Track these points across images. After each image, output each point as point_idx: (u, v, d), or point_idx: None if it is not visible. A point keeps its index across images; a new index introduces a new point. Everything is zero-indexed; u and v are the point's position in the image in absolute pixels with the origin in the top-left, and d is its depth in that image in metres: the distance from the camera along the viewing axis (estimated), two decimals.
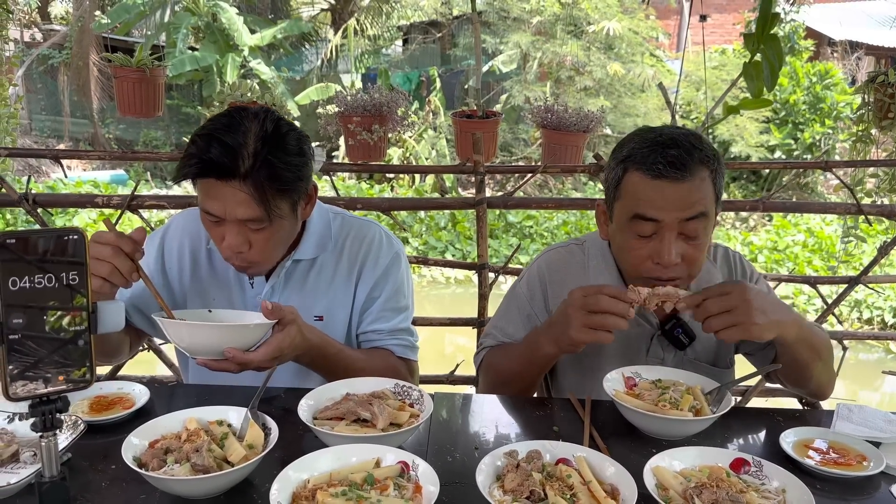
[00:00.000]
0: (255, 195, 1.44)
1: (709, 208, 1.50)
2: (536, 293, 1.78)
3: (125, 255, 1.42)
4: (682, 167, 1.46)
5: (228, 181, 1.43)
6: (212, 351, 1.39)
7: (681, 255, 1.50)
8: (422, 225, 10.44)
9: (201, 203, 1.50)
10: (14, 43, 13.29)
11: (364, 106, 2.93)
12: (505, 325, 1.80)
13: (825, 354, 1.61)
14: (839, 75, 11.68)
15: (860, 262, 7.90)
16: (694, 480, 1.19)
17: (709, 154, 1.50)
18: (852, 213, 2.72)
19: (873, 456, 1.34)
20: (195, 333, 1.41)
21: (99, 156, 3.16)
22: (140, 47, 3.17)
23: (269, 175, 1.45)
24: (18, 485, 1.16)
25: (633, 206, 1.51)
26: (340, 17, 14.71)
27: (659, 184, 1.47)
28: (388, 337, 1.75)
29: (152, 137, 14.55)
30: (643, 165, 1.49)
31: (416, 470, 1.17)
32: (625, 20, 12.06)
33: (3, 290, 0.92)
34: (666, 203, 1.47)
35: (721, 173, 1.54)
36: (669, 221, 1.48)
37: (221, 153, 1.42)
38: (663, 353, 1.72)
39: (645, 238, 1.52)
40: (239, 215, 1.46)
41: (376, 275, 1.75)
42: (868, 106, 2.95)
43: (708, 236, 1.54)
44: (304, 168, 1.54)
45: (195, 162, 1.44)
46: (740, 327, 1.39)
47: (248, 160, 1.43)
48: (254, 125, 1.47)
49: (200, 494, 1.19)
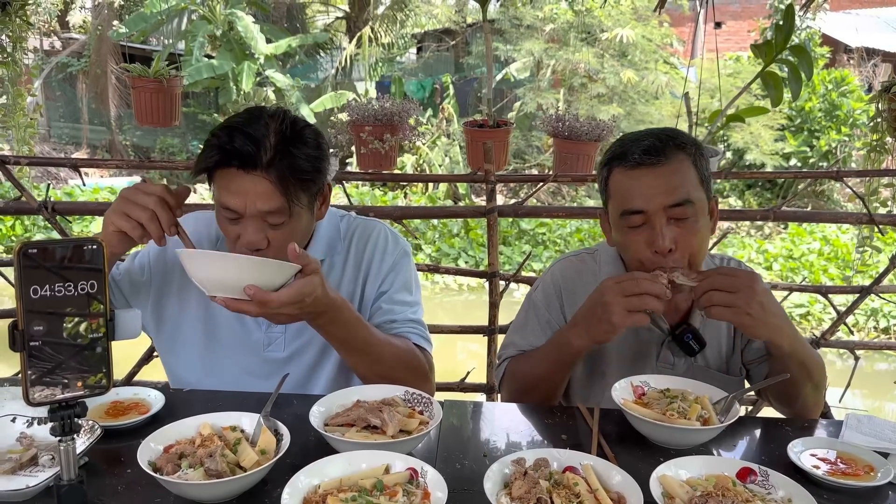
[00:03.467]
0: (278, 185, 1.44)
1: (693, 194, 1.53)
2: (553, 301, 1.80)
3: (168, 208, 1.45)
4: (657, 153, 1.52)
5: (250, 171, 1.44)
6: (232, 286, 1.34)
7: (675, 242, 1.52)
8: (435, 232, 10.46)
9: (220, 199, 1.49)
10: (34, 51, 13.50)
11: (376, 115, 2.96)
12: (525, 334, 1.81)
13: (817, 377, 1.60)
14: (855, 82, 11.60)
15: (876, 272, 7.83)
16: (700, 489, 1.19)
17: (685, 140, 1.56)
18: (864, 223, 2.71)
19: (881, 466, 1.34)
20: (217, 265, 1.36)
21: (116, 164, 3.22)
22: (157, 57, 3.22)
23: (291, 166, 1.46)
24: (37, 487, 1.19)
25: (620, 202, 1.57)
26: (355, 26, 14.81)
27: (637, 173, 1.53)
28: (401, 325, 1.72)
29: (169, 144, 14.69)
30: (622, 160, 1.56)
31: (424, 476, 1.19)
32: (638, 27, 12.05)
33: (25, 297, 0.95)
34: (647, 190, 1.52)
35: (702, 158, 1.57)
36: (654, 209, 1.52)
37: (245, 142, 1.43)
38: (673, 359, 1.73)
39: (637, 229, 1.56)
40: (260, 207, 1.45)
41: (384, 271, 1.75)
42: (882, 115, 2.94)
43: (702, 223, 1.55)
44: (322, 161, 1.55)
45: (217, 152, 1.45)
46: (734, 311, 1.40)
47: (270, 151, 1.44)
48: (272, 121, 1.49)
49: (213, 498, 1.21)
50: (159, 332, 1.76)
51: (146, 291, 1.72)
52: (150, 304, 1.72)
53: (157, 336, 1.78)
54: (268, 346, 1.71)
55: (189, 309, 1.72)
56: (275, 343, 1.71)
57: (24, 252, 0.94)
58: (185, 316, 1.72)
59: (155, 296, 1.73)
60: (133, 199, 1.46)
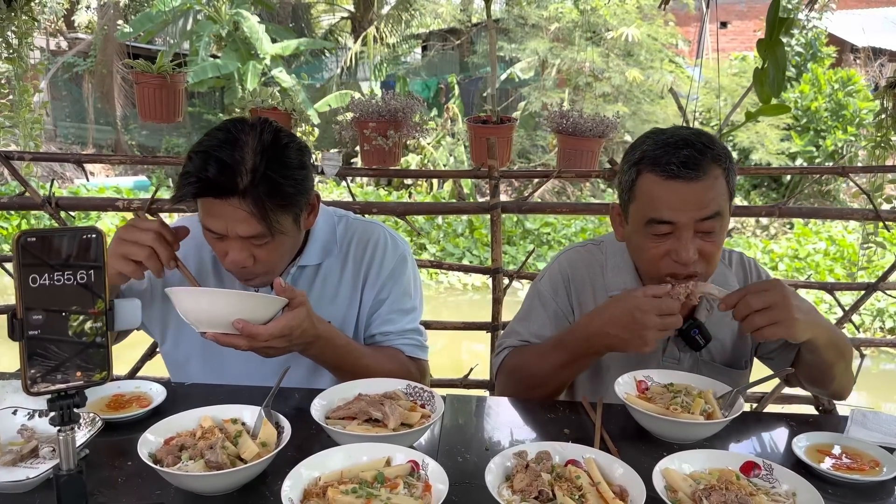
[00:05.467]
0: (255, 212, 1.41)
1: (723, 206, 1.50)
2: (560, 290, 1.77)
3: (166, 243, 1.45)
4: (695, 167, 1.46)
5: (227, 199, 1.41)
6: (220, 321, 1.37)
7: (698, 252, 1.50)
8: (439, 231, 10.46)
9: (202, 220, 1.48)
10: (40, 51, 13.53)
11: (379, 112, 2.96)
12: (529, 324, 1.77)
13: (848, 356, 1.62)
14: (861, 82, 11.56)
15: (882, 271, 7.80)
16: (703, 483, 1.18)
17: (720, 153, 1.51)
18: (870, 219, 2.70)
19: (886, 461, 1.33)
20: (205, 300, 1.39)
21: (120, 160, 3.23)
22: (161, 54, 3.23)
23: (269, 191, 1.42)
24: (37, 479, 1.19)
25: (648, 209, 1.51)
26: (360, 25, 14.82)
27: (673, 184, 1.47)
28: (396, 338, 1.73)
29: (174, 144, 14.73)
30: (656, 167, 1.49)
31: (425, 469, 1.18)
32: (644, 26, 12.04)
33: (23, 287, 0.94)
34: (681, 204, 1.47)
35: (733, 171, 1.54)
36: (685, 222, 1.48)
37: (219, 172, 1.39)
38: (679, 354, 1.72)
39: (661, 238, 1.52)
40: (240, 232, 1.44)
41: (382, 278, 1.73)
42: (887, 112, 2.92)
43: (723, 233, 1.55)
44: (305, 181, 1.51)
45: (193, 181, 1.41)
46: (782, 325, 1.39)
47: (246, 176, 1.40)
48: (251, 139, 1.44)
49: (214, 490, 1.21)
50: (162, 333, 1.76)
51: (148, 296, 1.72)
52: (149, 303, 1.72)
53: (160, 337, 1.78)
54: None
55: None
56: None
57: (23, 241, 0.94)
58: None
59: (159, 298, 1.72)
60: (130, 238, 1.45)
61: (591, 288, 1.75)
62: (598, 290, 1.74)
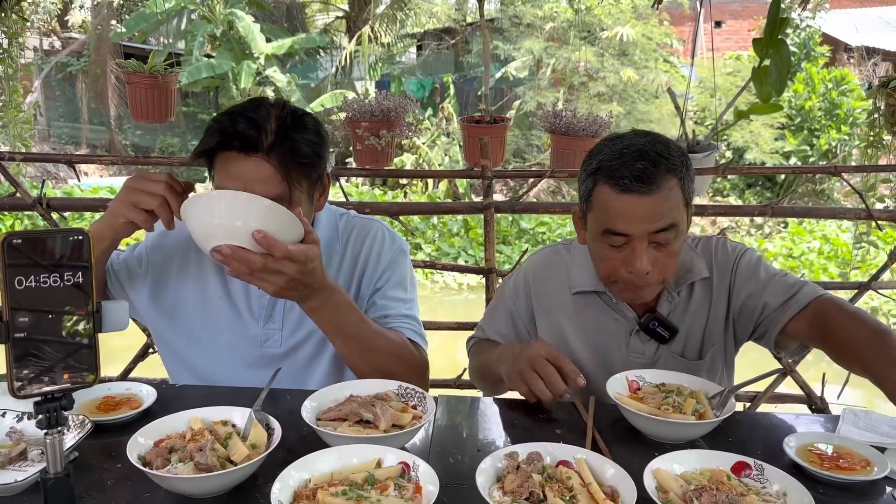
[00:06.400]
0: (279, 169, 1.45)
1: (678, 217, 1.52)
2: (520, 292, 1.84)
3: (177, 193, 1.45)
4: (649, 180, 1.47)
5: (251, 155, 1.44)
6: (238, 230, 1.30)
7: (652, 263, 1.53)
8: (434, 231, 10.46)
9: (220, 184, 1.47)
10: (34, 51, 13.50)
11: (372, 111, 2.96)
12: (492, 321, 1.89)
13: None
14: (855, 81, 11.59)
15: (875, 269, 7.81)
16: (694, 483, 1.18)
17: (676, 162, 1.51)
18: (862, 219, 2.70)
19: (878, 461, 1.33)
20: (225, 202, 1.32)
21: (112, 160, 3.21)
22: (153, 54, 3.21)
23: (292, 150, 1.47)
24: (25, 482, 1.18)
25: (603, 219, 1.54)
26: (355, 25, 14.80)
27: (627, 198, 1.49)
28: (394, 320, 1.71)
29: (168, 144, 14.70)
30: (611, 179, 1.51)
31: (416, 470, 1.18)
32: (638, 26, 12.05)
33: (9, 289, 0.93)
34: (634, 217, 1.50)
35: (690, 178, 1.55)
36: (639, 234, 1.51)
37: (247, 126, 1.44)
38: (643, 347, 1.72)
39: (617, 248, 1.55)
40: (260, 192, 1.39)
41: (380, 268, 1.75)
42: (880, 111, 2.93)
43: (679, 241, 1.56)
44: (322, 147, 1.56)
45: (218, 135, 1.45)
46: None
47: (271, 135, 1.45)
48: (274, 109, 1.50)
49: (203, 493, 1.20)
50: (156, 323, 1.76)
51: (143, 281, 1.73)
52: (146, 295, 1.72)
53: (154, 327, 1.79)
54: (265, 342, 1.70)
55: (186, 302, 1.72)
56: (272, 339, 1.70)
57: (9, 242, 0.93)
58: (181, 309, 1.72)
59: (151, 287, 1.72)
60: (141, 187, 1.46)
61: (553, 287, 1.80)
62: (562, 288, 1.79)
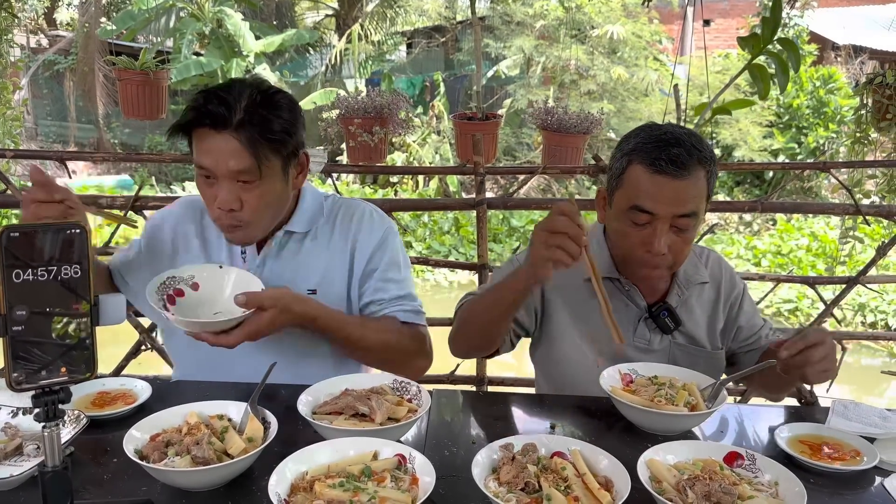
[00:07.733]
0: (247, 145, 1.53)
1: (700, 207, 1.59)
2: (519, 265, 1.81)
3: None
4: (682, 165, 1.54)
5: (221, 131, 1.53)
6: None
7: (669, 246, 1.58)
8: (425, 229, 10.45)
9: (196, 158, 1.58)
10: (21, 48, 13.38)
11: (365, 108, 2.96)
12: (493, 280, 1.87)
13: None
14: (843, 80, 11.66)
15: (862, 265, 7.88)
16: (687, 473, 1.20)
17: (707, 155, 1.59)
18: (851, 214, 2.73)
19: (867, 451, 1.35)
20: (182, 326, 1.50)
21: (103, 157, 3.19)
22: (144, 50, 3.20)
23: (261, 127, 1.54)
24: (21, 476, 1.19)
25: (632, 196, 1.59)
26: (345, 23, 14.76)
27: (659, 179, 1.55)
28: (389, 305, 1.76)
29: (157, 142, 14.60)
30: (646, 159, 1.57)
31: (412, 462, 1.19)
32: (628, 24, 12.07)
33: (7, 282, 0.94)
34: (663, 197, 1.55)
35: (715, 175, 1.62)
36: (663, 215, 1.56)
37: (217, 104, 1.53)
38: (650, 336, 1.76)
39: (639, 227, 1.60)
40: (231, 167, 1.53)
41: (372, 246, 1.78)
42: (866, 108, 2.96)
43: (695, 231, 1.63)
44: (294, 126, 1.62)
45: (193, 111, 1.55)
46: (829, 372, 1.45)
47: (240, 113, 1.53)
48: (247, 87, 1.59)
49: (200, 486, 1.20)
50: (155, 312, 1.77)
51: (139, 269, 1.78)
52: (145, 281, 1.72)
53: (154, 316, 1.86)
54: None
55: None
56: None
57: (7, 236, 0.93)
58: None
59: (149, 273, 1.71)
60: None
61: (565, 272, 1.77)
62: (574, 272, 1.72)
